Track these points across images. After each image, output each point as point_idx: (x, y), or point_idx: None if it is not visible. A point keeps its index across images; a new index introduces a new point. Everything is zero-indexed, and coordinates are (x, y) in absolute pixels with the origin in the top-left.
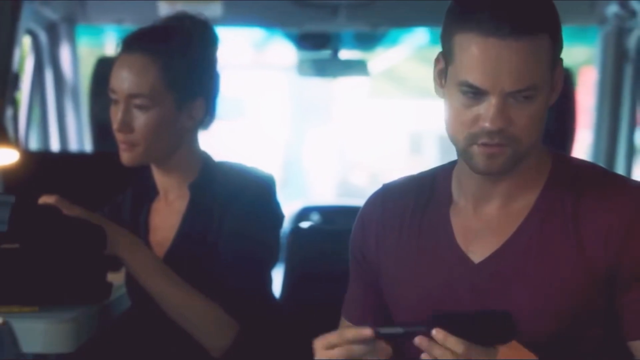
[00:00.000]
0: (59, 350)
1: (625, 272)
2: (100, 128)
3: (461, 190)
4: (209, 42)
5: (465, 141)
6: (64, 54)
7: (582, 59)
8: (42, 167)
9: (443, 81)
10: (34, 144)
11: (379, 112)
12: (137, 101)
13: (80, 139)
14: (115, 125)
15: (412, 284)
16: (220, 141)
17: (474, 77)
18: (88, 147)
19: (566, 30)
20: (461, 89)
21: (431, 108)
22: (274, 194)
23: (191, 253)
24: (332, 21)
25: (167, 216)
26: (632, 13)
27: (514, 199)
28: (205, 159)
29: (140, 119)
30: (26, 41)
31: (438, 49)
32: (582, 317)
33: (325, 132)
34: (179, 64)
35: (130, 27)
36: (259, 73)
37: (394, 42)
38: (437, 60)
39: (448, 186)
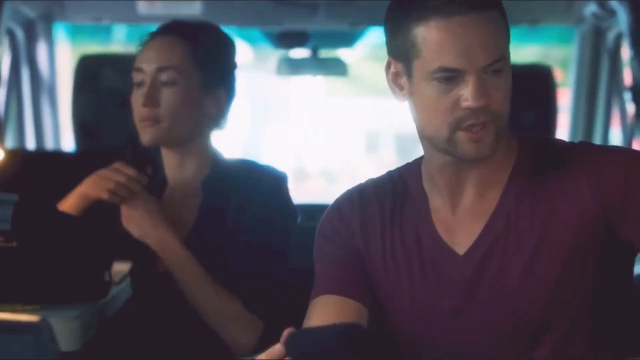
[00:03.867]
0: (63, 349)
1: (615, 204)
2: (83, 127)
3: (434, 186)
4: (230, 45)
5: (450, 129)
6: (41, 52)
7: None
8: (21, 165)
9: (403, 83)
10: (9, 143)
11: (335, 111)
12: (165, 76)
13: (56, 137)
14: (141, 101)
15: (402, 282)
16: None
17: (448, 60)
18: (65, 146)
19: (545, 31)
20: (435, 77)
21: (387, 107)
22: (288, 189)
23: (205, 249)
24: (311, 20)
25: (178, 211)
26: (611, 12)
27: (487, 184)
28: (215, 155)
29: (166, 94)
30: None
31: None
32: (574, 291)
33: (283, 129)
34: (207, 46)
35: (109, 25)
36: None
37: (351, 41)
38: (388, 65)
39: (420, 184)
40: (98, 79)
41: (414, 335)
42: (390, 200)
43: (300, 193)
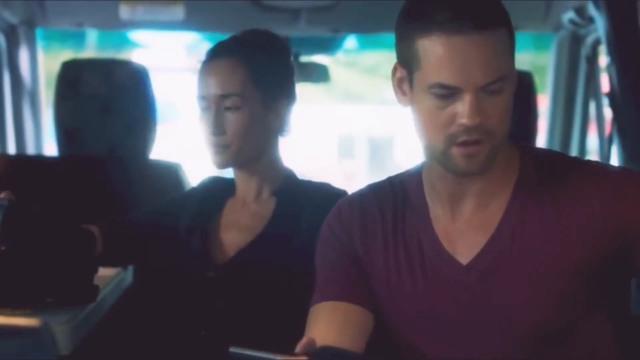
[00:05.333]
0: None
1: (633, 233)
2: (67, 131)
3: (435, 194)
4: (285, 49)
5: (445, 142)
6: (23, 57)
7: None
8: (3, 170)
9: (406, 89)
10: None
11: (308, 116)
12: (229, 102)
13: (38, 142)
14: (209, 129)
15: (403, 290)
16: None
17: (446, 77)
18: (46, 151)
19: (522, 37)
20: (433, 92)
21: (359, 112)
22: None
23: (268, 257)
24: (293, 26)
25: (244, 217)
26: (590, 19)
27: (490, 195)
28: (289, 173)
29: (231, 120)
30: None
31: (365, 54)
32: (579, 302)
33: None
34: (264, 63)
35: (91, 30)
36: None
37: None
38: (394, 70)
39: (421, 192)
40: (81, 84)
41: (414, 343)
42: (391, 207)
43: None
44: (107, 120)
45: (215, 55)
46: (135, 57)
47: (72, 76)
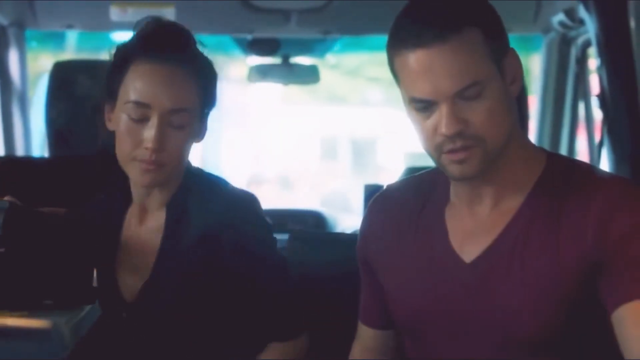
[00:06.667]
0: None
1: (605, 256)
2: (58, 133)
3: (456, 193)
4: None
5: (436, 153)
6: (12, 58)
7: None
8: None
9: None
10: None
11: (291, 117)
12: (177, 118)
13: (27, 144)
14: (150, 144)
15: (409, 284)
16: None
17: (418, 91)
18: (35, 152)
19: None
20: (413, 106)
21: (342, 114)
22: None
23: (177, 278)
24: (283, 27)
25: (141, 237)
26: (580, 22)
27: (505, 198)
28: (188, 175)
29: (173, 137)
30: None
31: (349, 56)
32: (570, 314)
33: (239, 136)
34: (208, 72)
35: (85, 32)
36: None
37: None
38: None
39: (447, 186)
40: (72, 85)
41: (418, 334)
42: (412, 201)
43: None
44: (99, 122)
45: (158, 58)
46: None
47: (63, 77)
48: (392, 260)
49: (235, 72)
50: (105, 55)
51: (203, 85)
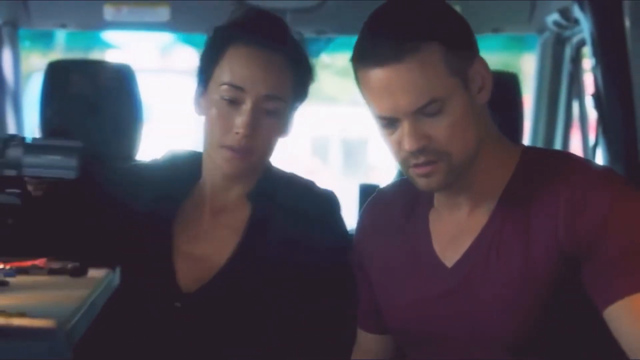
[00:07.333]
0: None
1: (583, 247)
2: (53, 133)
3: (437, 198)
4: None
5: (403, 166)
6: (6, 58)
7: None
8: None
9: None
10: None
11: None
12: (270, 105)
13: None
14: (241, 130)
15: (396, 288)
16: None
17: (379, 109)
18: None
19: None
20: (378, 122)
21: (333, 114)
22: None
23: (253, 274)
24: None
25: (212, 226)
26: (575, 21)
27: (481, 201)
28: (266, 168)
29: (265, 125)
30: None
31: (340, 56)
32: (549, 312)
33: None
34: (305, 66)
35: (74, 32)
36: (165, 77)
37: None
38: None
39: (432, 192)
40: (67, 85)
41: (408, 340)
42: (400, 205)
43: None
44: (94, 122)
45: (257, 42)
46: (109, 57)
47: (58, 77)
48: (382, 264)
49: None
50: (96, 55)
51: (298, 77)
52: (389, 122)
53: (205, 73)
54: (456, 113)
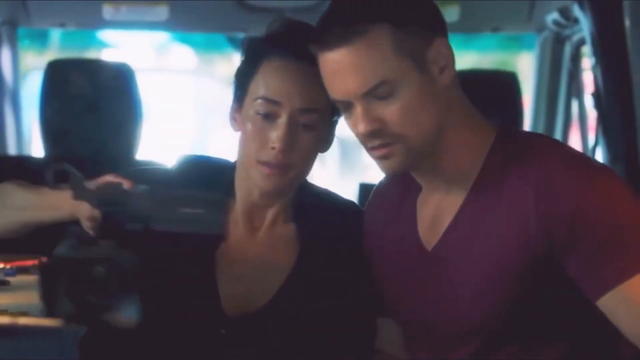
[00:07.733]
0: None
1: (559, 236)
2: (52, 132)
3: (417, 179)
4: None
5: (365, 149)
6: (5, 57)
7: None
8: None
9: None
10: None
11: None
12: (307, 118)
13: (19, 143)
14: (277, 144)
15: (387, 275)
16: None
17: (332, 92)
18: (27, 151)
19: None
20: (337, 106)
21: None
22: None
23: (307, 298)
24: None
25: (257, 248)
26: (574, 20)
27: (455, 183)
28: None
29: (301, 139)
30: None
31: None
32: (524, 300)
33: (228, 135)
34: None
35: (70, 31)
36: (161, 76)
37: None
38: None
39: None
40: (66, 84)
41: (403, 327)
42: (397, 192)
43: None
44: (94, 120)
45: (292, 55)
46: (105, 57)
47: (58, 76)
48: (381, 254)
49: (225, 70)
50: (92, 54)
51: None
52: (345, 106)
53: (241, 88)
54: (409, 95)
